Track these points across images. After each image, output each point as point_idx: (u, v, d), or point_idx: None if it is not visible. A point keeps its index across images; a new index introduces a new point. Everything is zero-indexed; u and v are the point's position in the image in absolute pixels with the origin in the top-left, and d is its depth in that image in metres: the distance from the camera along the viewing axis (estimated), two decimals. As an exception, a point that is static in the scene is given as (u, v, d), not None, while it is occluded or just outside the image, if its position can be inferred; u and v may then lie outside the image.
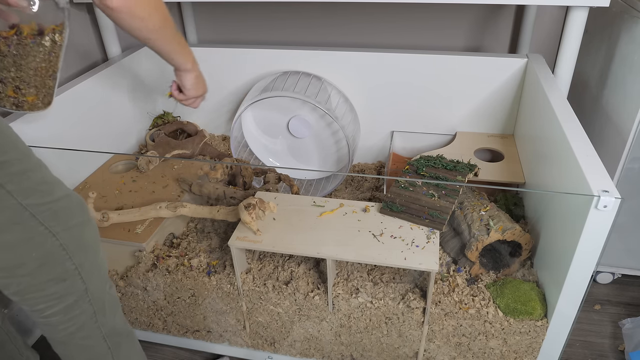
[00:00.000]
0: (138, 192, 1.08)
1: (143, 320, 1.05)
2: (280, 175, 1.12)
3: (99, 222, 0.95)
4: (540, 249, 0.91)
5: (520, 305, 0.83)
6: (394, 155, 1.32)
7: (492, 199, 1.06)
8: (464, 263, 0.93)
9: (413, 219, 0.90)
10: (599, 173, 0.73)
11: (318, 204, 0.96)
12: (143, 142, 1.39)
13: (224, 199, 1.02)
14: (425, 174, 0.98)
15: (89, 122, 1.16)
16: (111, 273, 1.00)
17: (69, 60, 1.22)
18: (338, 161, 1.35)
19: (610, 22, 1.15)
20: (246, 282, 0.92)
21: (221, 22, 1.69)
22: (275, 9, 1.62)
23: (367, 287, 0.89)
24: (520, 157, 1.16)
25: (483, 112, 1.27)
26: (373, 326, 0.90)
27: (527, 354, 0.88)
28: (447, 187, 0.94)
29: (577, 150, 0.78)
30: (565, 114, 0.90)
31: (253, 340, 1.01)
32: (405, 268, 0.90)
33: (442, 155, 1.06)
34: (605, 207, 0.67)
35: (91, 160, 1.17)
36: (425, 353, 0.92)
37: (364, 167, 1.39)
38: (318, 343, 0.97)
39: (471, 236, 0.90)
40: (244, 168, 1.11)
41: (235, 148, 1.31)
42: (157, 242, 0.99)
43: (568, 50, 1.09)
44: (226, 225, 1.06)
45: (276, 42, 1.68)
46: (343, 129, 1.16)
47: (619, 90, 1.08)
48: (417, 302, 0.86)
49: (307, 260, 0.95)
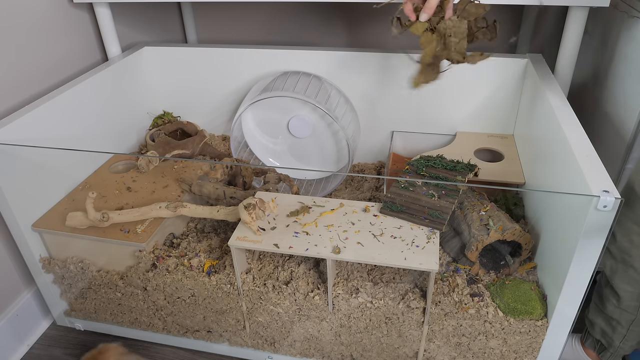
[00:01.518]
0: (138, 192, 1.08)
1: (143, 320, 1.06)
2: (280, 175, 1.12)
3: (99, 222, 0.95)
4: (540, 249, 0.91)
5: (520, 305, 0.83)
6: (394, 155, 1.32)
7: (492, 199, 1.06)
8: (464, 263, 0.93)
9: (413, 219, 0.90)
10: (599, 173, 0.73)
11: (318, 204, 0.96)
12: (143, 142, 1.39)
13: (224, 199, 1.02)
14: (425, 174, 0.98)
15: (89, 122, 1.16)
16: (111, 273, 1.00)
17: (69, 60, 1.22)
18: (338, 161, 1.35)
19: (610, 22, 1.15)
20: (246, 282, 0.92)
21: (221, 22, 1.70)
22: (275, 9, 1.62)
23: (367, 287, 0.89)
24: (520, 157, 1.16)
25: (483, 112, 1.27)
26: (373, 326, 0.90)
27: (527, 353, 0.88)
28: (447, 187, 0.94)
29: (577, 150, 0.78)
30: (565, 114, 0.90)
31: (253, 340, 1.01)
32: (405, 268, 0.90)
33: (442, 155, 1.06)
34: (605, 207, 0.67)
35: (91, 160, 1.17)
36: (425, 353, 0.92)
37: (364, 167, 1.39)
38: (318, 343, 0.97)
39: (471, 236, 0.90)
40: (244, 168, 1.11)
41: (235, 148, 1.31)
42: (157, 242, 0.99)
43: (568, 50, 1.09)
44: (226, 225, 1.07)
45: (276, 42, 1.68)
46: (343, 129, 1.16)
47: (619, 90, 1.08)
48: (417, 302, 0.86)
49: (307, 260, 0.95)
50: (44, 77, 1.15)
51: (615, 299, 0.89)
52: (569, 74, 1.12)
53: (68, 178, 1.10)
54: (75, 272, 1.01)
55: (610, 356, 0.96)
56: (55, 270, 1.03)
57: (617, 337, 0.92)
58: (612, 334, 0.93)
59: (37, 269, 1.04)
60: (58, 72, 1.19)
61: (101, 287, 1.02)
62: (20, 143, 0.95)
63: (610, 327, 0.92)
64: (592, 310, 0.96)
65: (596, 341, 0.97)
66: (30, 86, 1.11)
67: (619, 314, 0.90)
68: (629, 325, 0.90)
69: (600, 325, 0.94)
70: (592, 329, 0.97)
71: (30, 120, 0.99)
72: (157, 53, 1.37)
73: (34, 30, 1.11)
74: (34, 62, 1.11)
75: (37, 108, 1.00)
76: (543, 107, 0.99)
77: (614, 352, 0.95)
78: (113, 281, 1.00)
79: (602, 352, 0.97)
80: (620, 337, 0.92)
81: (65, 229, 0.98)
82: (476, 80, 1.23)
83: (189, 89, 1.41)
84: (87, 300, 1.07)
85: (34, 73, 1.12)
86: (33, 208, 1.01)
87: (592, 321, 0.96)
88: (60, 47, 1.19)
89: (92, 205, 0.94)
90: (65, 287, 1.06)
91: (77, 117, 1.12)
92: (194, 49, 1.35)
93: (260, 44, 1.35)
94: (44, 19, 1.14)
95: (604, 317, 0.93)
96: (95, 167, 1.17)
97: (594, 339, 0.98)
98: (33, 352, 1.11)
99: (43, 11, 1.13)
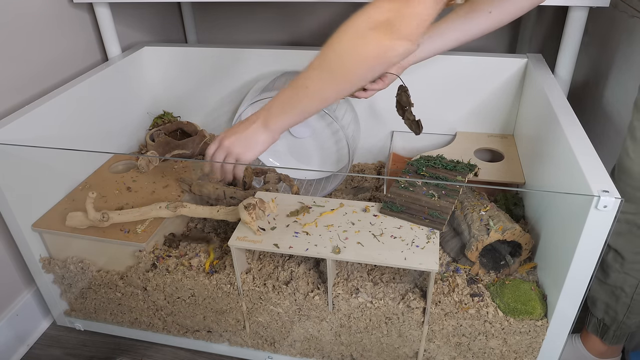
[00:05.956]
0: (138, 192, 1.08)
1: (143, 320, 1.06)
2: (280, 175, 1.12)
3: (99, 222, 0.95)
4: (540, 249, 0.91)
5: (520, 305, 0.83)
6: (394, 155, 1.32)
7: (492, 199, 1.06)
8: (464, 263, 0.93)
9: (413, 219, 0.90)
10: (599, 173, 0.73)
11: (318, 204, 0.96)
12: (143, 142, 1.39)
13: (224, 199, 1.02)
14: (425, 174, 0.98)
15: (89, 122, 1.16)
16: (111, 273, 1.00)
17: (69, 60, 1.22)
18: (338, 161, 1.35)
19: (610, 22, 1.15)
20: (246, 282, 0.92)
21: (221, 22, 1.70)
22: (275, 9, 1.62)
23: (367, 287, 0.89)
24: (520, 157, 1.16)
25: (483, 112, 1.27)
26: (373, 326, 0.90)
27: (527, 353, 0.88)
28: (447, 187, 0.94)
29: (577, 150, 0.78)
30: (565, 114, 0.90)
31: (253, 340, 1.01)
32: (405, 268, 0.90)
33: (442, 155, 1.06)
34: (605, 207, 0.67)
35: (91, 160, 1.17)
36: (425, 353, 0.92)
37: (364, 167, 1.39)
38: (318, 343, 0.97)
39: (471, 236, 0.90)
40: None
41: (235, 148, 1.31)
42: (157, 242, 0.99)
43: (568, 50, 1.09)
44: (226, 225, 1.07)
45: (276, 42, 1.68)
46: (343, 129, 1.16)
47: (619, 90, 1.08)
48: (417, 302, 0.86)
49: (307, 260, 0.95)
50: (44, 77, 1.15)
51: (618, 263, 0.88)
52: (569, 74, 1.12)
53: (68, 178, 1.10)
54: (75, 272, 1.01)
55: (614, 336, 0.94)
56: (55, 270, 1.03)
57: (621, 308, 0.90)
58: (616, 305, 0.91)
59: (37, 269, 1.04)
60: (58, 72, 1.19)
61: (101, 287, 1.02)
62: (20, 143, 0.95)
63: (614, 298, 0.90)
64: (593, 287, 0.94)
65: (598, 322, 0.96)
66: (30, 86, 1.11)
67: (622, 280, 0.88)
68: (632, 293, 0.88)
69: (603, 300, 0.93)
70: (594, 307, 0.95)
71: (30, 120, 0.99)
72: (157, 53, 1.37)
73: (34, 30, 1.11)
74: (34, 62, 1.11)
75: (37, 108, 1.00)
76: (543, 107, 0.99)
77: (617, 330, 0.93)
78: (113, 281, 1.00)
79: (605, 333, 0.95)
80: (625, 309, 0.90)
81: (65, 229, 0.98)
82: (476, 80, 1.23)
83: (189, 89, 1.41)
84: (87, 300, 1.07)
85: (34, 73, 1.12)
86: (33, 208, 1.01)
87: (594, 298, 0.94)
88: (60, 47, 1.19)
89: (92, 205, 0.94)
90: (65, 287, 1.06)
91: (77, 117, 1.12)
92: (194, 49, 1.35)
93: (260, 44, 1.35)
94: (44, 19, 1.14)
95: (607, 288, 0.91)
96: (95, 167, 1.17)
97: (596, 320, 0.96)
98: (33, 352, 1.11)
99: (43, 11, 1.13)
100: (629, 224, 0.85)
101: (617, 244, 0.87)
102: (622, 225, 0.86)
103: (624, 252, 0.87)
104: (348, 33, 0.67)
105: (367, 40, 0.65)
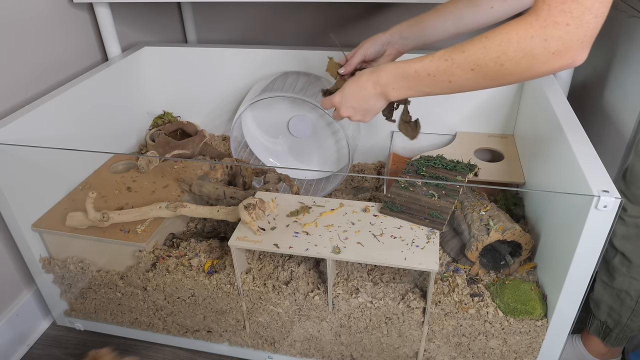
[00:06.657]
0: (138, 192, 1.08)
1: (143, 320, 1.06)
2: (280, 175, 1.12)
3: (99, 222, 0.95)
4: (540, 249, 0.91)
5: (520, 305, 0.83)
6: (394, 155, 1.32)
7: (492, 199, 1.06)
8: (464, 263, 0.93)
9: (413, 219, 0.90)
10: (599, 173, 0.73)
11: (318, 204, 0.96)
12: (143, 142, 1.39)
13: (224, 199, 1.02)
14: (425, 174, 0.98)
15: (89, 122, 1.16)
16: (111, 273, 1.00)
17: (69, 60, 1.22)
18: (338, 161, 1.35)
19: (610, 22, 1.15)
20: (246, 282, 0.92)
21: (221, 22, 1.70)
22: (275, 9, 1.62)
23: (367, 287, 0.89)
24: (520, 157, 1.16)
25: (483, 112, 1.27)
26: (373, 326, 0.90)
27: (527, 353, 0.88)
28: (447, 187, 0.94)
29: (577, 150, 0.78)
30: (565, 114, 0.90)
31: (253, 340, 1.01)
32: (405, 268, 0.90)
33: (442, 155, 1.06)
34: (605, 207, 0.67)
35: (91, 160, 1.17)
36: (425, 353, 0.92)
37: (364, 167, 1.39)
38: (318, 343, 0.97)
39: (471, 236, 0.90)
40: (244, 168, 1.11)
41: (235, 148, 1.31)
42: (157, 242, 0.99)
43: (568, 50, 1.08)
44: (226, 225, 1.07)
45: (276, 42, 1.68)
46: (343, 129, 1.16)
47: (619, 90, 1.08)
48: (417, 302, 0.86)
49: (307, 260, 0.95)
50: (44, 77, 1.15)
51: (625, 267, 0.87)
52: (569, 74, 1.12)
53: (68, 178, 1.10)
54: (75, 272, 1.01)
55: (616, 338, 0.94)
56: (55, 270, 1.03)
57: (625, 312, 0.90)
58: (620, 308, 0.90)
59: (37, 269, 1.04)
60: (58, 72, 1.19)
61: (101, 287, 1.02)
62: (20, 143, 0.95)
63: (619, 301, 0.90)
64: (597, 289, 0.94)
65: (601, 325, 0.95)
66: (30, 86, 1.11)
67: (628, 284, 0.88)
68: (638, 297, 0.88)
69: (607, 303, 0.92)
70: (597, 310, 0.95)
71: (30, 120, 0.99)
72: (157, 53, 1.37)
73: (34, 30, 1.11)
74: (34, 62, 1.11)
75: (37, 108, 1.00)
76: (543, 107, 0.99)
77: (619, 332, 0.93)
78: (113, 281, 1.00)
79: (607, 336, 0.95)
80: (629, 312, 0.90)
81: (65, 229, 0.98)
82: (476, 80, 1.22)
83: (189, 89, 1.41)
84: (87, 300, 1.07)
85: (34, 73, 1.12)
86: (33, 208, 1.01)
87: (598, 301, 0.94)
88: (60, 47, 1.19)
89: (92, 205, 0.94)
90: (65, 287, 1.06)
91: (77, 117, 1.12)
92: (194, 49, 1.35)
93: (260, 44, 1.35)
94: (44, 19, 1.14)
95: (612, 291, 0.91)
96: (95, 167, 1.17)
97: (599, 323, 0.96)
98: (33, 352, 1.11)
99: (43, 11, 1.13)
100: (638, 227, 0.85)
101: (625, 247, 0.87)
102: (631, 229, 0.85)
103: (632, 256, 0.86)
104: (525, 55, 0.61)
105: (551, 65, 0.62)
